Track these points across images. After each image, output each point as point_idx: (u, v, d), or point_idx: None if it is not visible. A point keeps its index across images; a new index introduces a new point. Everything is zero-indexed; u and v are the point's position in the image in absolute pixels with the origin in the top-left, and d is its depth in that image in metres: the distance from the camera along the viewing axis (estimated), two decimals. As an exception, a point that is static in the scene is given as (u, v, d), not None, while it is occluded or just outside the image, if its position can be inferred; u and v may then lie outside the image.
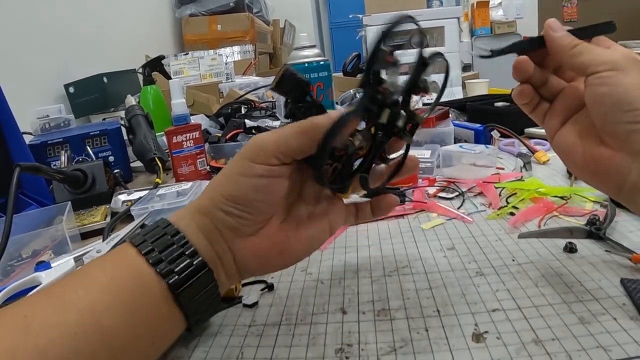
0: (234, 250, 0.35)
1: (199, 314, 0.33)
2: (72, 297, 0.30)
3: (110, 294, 0.30)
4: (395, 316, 0.37)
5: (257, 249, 0.35)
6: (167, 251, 0.32)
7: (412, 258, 0.47)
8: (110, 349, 0.29)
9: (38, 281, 0.47)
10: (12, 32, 1.44)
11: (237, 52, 2.12)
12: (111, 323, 0.29)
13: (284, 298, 0.42)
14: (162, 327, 0.32)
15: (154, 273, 0.31)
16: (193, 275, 0.32)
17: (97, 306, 0.29)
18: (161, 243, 0.33)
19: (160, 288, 0.31)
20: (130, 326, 0.30)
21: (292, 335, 0.37)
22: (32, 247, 0.61)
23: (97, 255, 0.51)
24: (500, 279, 0.41)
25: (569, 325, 0.34)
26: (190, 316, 0.32)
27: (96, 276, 0.31)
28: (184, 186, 0.70)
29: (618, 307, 0.36)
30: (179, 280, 0.31)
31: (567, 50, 0.36)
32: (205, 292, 0.33)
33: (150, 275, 0.31)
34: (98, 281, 0.31)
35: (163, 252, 0.32)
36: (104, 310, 0.29)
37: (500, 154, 0.80)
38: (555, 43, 0.36)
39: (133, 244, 0.33)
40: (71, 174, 0.73)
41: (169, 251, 0.32)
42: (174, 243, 0.33)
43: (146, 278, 0.31)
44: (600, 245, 0.45)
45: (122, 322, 0.29)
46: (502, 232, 0.50)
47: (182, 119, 0.83)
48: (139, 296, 0.31)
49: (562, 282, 0.40)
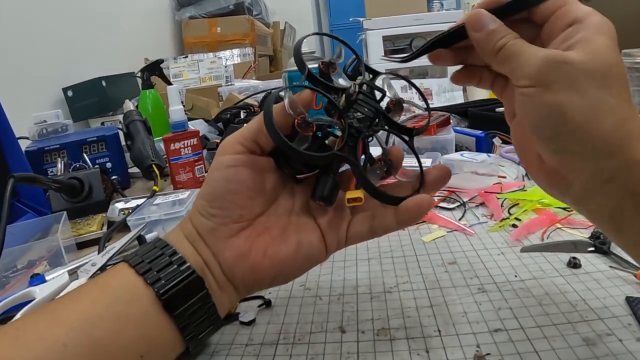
0: (216, 254, 0.34)
1: (194, 325, 0.32)
2: (64, 311, 0.31)
3: (100, 305, 0.31)
4: (395, 336, 0.36)
5: (238, 250, 0.34)
6: (156, 261, 0.33)
7: (412, 273, 0.46)
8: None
9: (32, 296, 0.47)
10: (9, 35, 1.43)
11: (237, 55, 2.11)
12: (101, 334, 0.29)
13: (281, 315, 0.41)
14: (152, 336, 0.31)
15: (143, 282, 0.32)
16: (181, 281, 0.32)
17: (88, 317, 0.30)
18: (150, 255, 0.33)
19: (149, 296, 0.31)
20: (119, 335, 0.30)
21: (290, 355, 0.36)
22: (28, 257, 0.60)
23: (92, 268, 0.50)
24: (503, 296, 0.40)
25: (574, 347, 0.33)
26: (182, 327, 0.32)
27: (88, 290, 0.33)
28: (181, 195, 0.69)
29: (624, 327, 0.35)
30: (166, 286, 0.31)
31: (492, 55, 0.30)
32: (198, 300, 0.32)
33: (139, 283, 0.32)
34: (90, 294, 0.32)
35: (152, 262, 0.33)
36: (95, 321, 0.30)
37: (502, 162, 0.79)
38: (479, 46, 0.31)
39: (126, 260, 0.34)
40: (67, 182, 0.72)
41: (157, 261, 0.33)
42: (163, 254, 0.33)
43: (136, 287, 0.32)
44: (604, 260, 0.44)
45: (112, 332, 0.30)
46: (505, 246, 0.49)
47: (180, 125, 0.82)
48: (129, 305, 0.31)
49: (566, 300, 0.39)
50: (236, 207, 0.34)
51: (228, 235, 0.34)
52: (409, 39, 1.56)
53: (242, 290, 0.36)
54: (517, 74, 0.29)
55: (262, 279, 0.35)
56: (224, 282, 0.35)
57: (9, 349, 0.27)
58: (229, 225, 0.34)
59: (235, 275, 0.34)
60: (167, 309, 0.31)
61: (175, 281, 0.32)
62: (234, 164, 0.34)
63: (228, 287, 0.35)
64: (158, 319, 0.31)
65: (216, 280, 0.34)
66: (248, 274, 0.34)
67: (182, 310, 0.32)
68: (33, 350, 0.28)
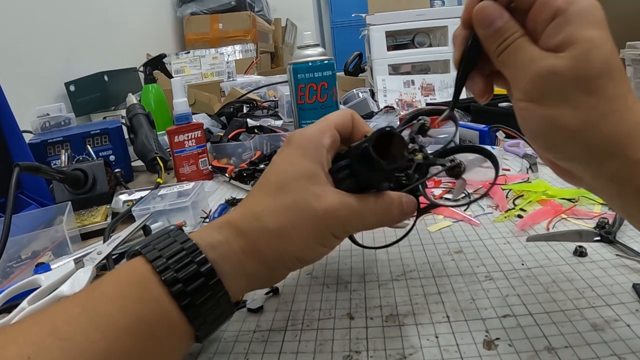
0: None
1: (210, 327, 0.32)
2: (84, 341, 0.26)
3: (128, 339, 0.27)
4: (404, 322, 0.37)
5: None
6: (198, 294, 0.30)
7: (419, 262, 0.46)
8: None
9: (37, 283, 0.47)
10: (12, 31, 1.43)
11: (239, 51, 2.11)
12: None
13: (289, 302, 0.41)
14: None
15: (186, 321, 0.29)
16: (219, 316, 0.32)
17: (114, 354, 0.26)
18: (193, 284, 0.29)
19: (188, 333, 0.30)
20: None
21: (299, 341, 0.36)
22: (32, 248, 0.60)
23: (98, 257, 0.50)
24: (510, 283, 0.40)
25: (582, 332, 0.33)
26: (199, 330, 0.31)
27: (111, 314, 0.27)
28: (185, 186, 0.69)
29: (631, 313, 0.35)
30: (206, 328, 0.31)
31: (494, 56, 0.30)
32: (220, 311, 0.31)
33: (180, 323, 0.29)
34: (115, 322, 0.27)
35: (194, 296, 0.29)
36: (120, 356, 0.26)
37: (506, 156, 0.79)
38: (484, 42, 0.30)
39: (142, 254, 0.31)
40: (71, 173, 0.72)
41: (200, 295, 0.30)
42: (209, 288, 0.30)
43: (175, 327, 0.29)
44: (610, 249, 0.44)
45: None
46: (510, 235, 0.49)
47: (184, 118, 0.82)
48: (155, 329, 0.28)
49: (573, 287, 0.39)
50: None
51: None
52: (411, 34, 1.56)
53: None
54: (512, 84, 0.29)
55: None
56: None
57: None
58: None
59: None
60: (181, 308, 0.29)
61: (215, 319, 0.31)
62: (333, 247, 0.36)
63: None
64: (186, 339, 0.31)
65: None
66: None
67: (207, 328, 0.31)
68: None
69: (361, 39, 1.59)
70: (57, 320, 0.27)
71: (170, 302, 0.29)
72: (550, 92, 0.27)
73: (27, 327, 0.27)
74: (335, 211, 0.33)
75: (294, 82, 0.77)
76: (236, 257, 0.32)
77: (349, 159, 0.36)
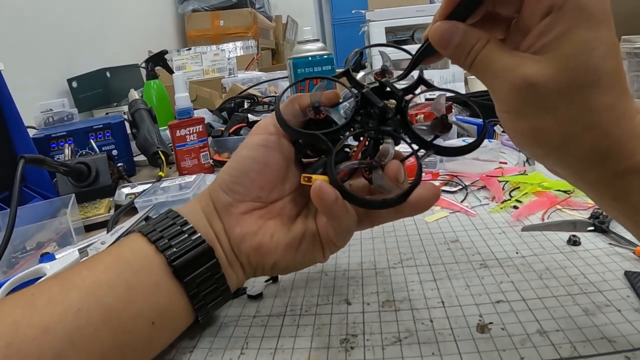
0: (227, 229, 0.36)
1: (203, 294, 0.34)
2: (77, 277, 0.31)
3: (112, 272, 0.32)
4: (399, 307, 0.37)
5: (247, 227, 0.35)
6: (167, 230, 0.34)
7: (415, 250, 0.47)
8: (111, 327, 0.29)
9: (42, 272, 0.48)
10: (15, 27, 1.44)
11: (240, 47, 2.12)
12: (112, 301, 0.30)
13: (288, 289, 0.42)
14: (162, 304, 0.32)
15: (154, 250, 0.33)
16: (191, 249, 0.33)
17: (100, 284, 0.31)
18: (162, 224, 0.35)
19: (160, 263, 0.33)
20: (131, 303, 0.31)
21: (297, 325, 0.37)
22: (36, 239, 0.61)
23: (101, 246, 0.51)
24: (505, 271, 0.41)
25: (574, 316, 0.34)
26: (192, 295, 0.33)
27: (101, 258, 0.33)
28: (187, 179, 0.70)
29: (622, 299, 0.35)
30: (176, 254, 0.33)
31: (468, 69, 0.28)
32: (208, 269, 0.34)
33: (150, 251, 0.33)
34: (102, 262, 0.33)
35: (163, 231, 0.34)
36: (106, 288, 0.31)
37: (503, 149, 0.79)
38: (453, 61, 0.29)
39: (139, 230, 0.35)
40: (75, 166, 0.73)
41: (168, 230, 0.34)
42: (174, 224, 0.35)
43: (147, 255, 0.33)
44: (603, 239, 0.45)
45: (122, 299, 0.31)
46: (506, 225, 0.50)
47: (186, 112, 0.83)
48: (139, 272, 0.32)
49: (566, 274, 0.40)
50: (256, 187, 0.36)
51: (242, 212, 0.36)
52: (411, 30, 1.56)
53: (248, 269, 0.37)
54: (491, 94, 0.28)
55: (265, 261, 0.36)
56: (232, 258, 0.36)
57: (25, 313, 0.28)
58: (245, 202, 0.36)
59: (241, 252, 0.36)
60: (177, 276, 0.32)
61: (185, 249, 0.33)
62: (265, 144, 0.36)
63: (236, 264, 0.36)
64: (168, 286, 0.33)
65: (225, 255, 0.35)
66: (253, 253, 0.36)
67: (191, 278, 0.33)
68: (48, 316, 0.28)
69: (361, 35, 1.60)
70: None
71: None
72: (529, 104, 0.25)
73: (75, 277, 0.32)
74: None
75: (294, 77, 0.78)
76: (197, 199, 0.38)
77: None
